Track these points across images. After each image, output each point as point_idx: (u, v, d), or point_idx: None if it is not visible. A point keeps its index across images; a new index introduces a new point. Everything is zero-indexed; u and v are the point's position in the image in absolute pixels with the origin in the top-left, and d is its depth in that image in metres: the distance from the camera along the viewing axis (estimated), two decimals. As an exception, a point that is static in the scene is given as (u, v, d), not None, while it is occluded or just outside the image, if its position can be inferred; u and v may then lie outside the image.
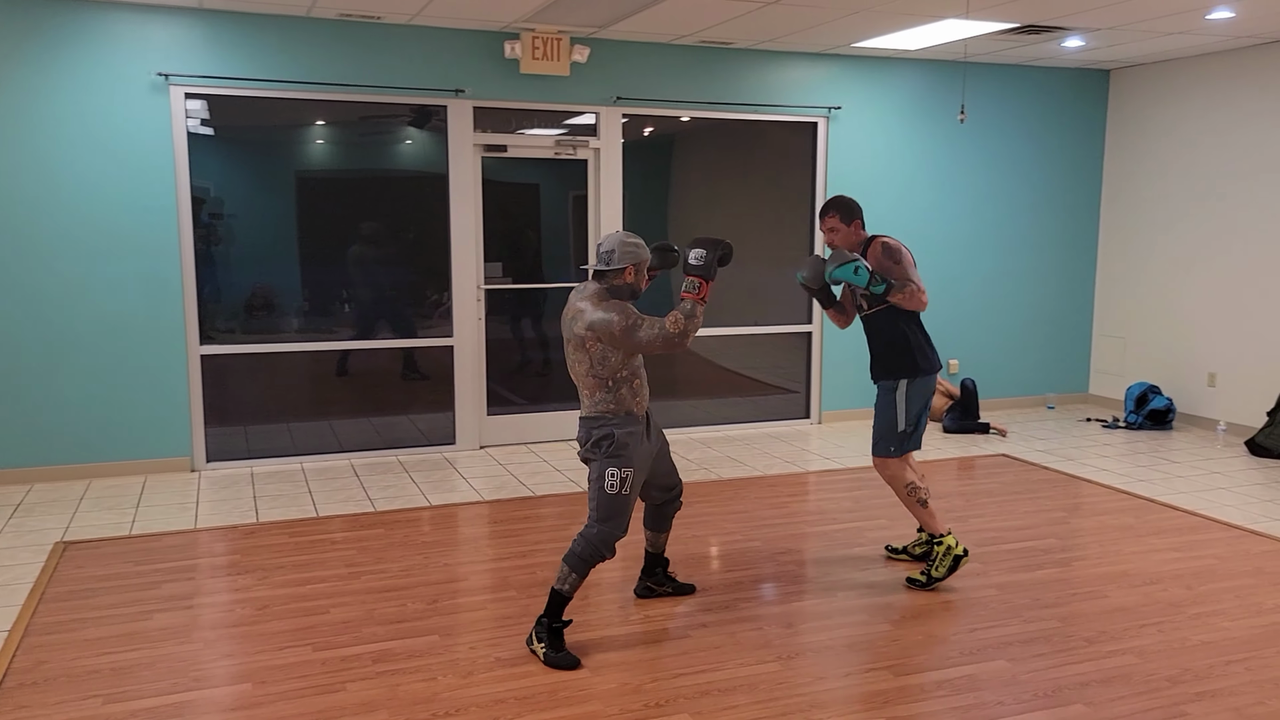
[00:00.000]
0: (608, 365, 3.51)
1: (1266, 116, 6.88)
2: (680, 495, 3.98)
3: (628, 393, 3.57)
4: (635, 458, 3.58)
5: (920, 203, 7.68)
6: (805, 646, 3.64)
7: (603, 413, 3.57)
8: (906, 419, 4.17)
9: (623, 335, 3.43)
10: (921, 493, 4.21)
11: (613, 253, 3.55)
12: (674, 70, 6.86)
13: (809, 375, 7.66)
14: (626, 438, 3.55)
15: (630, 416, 3.58)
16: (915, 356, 4.15)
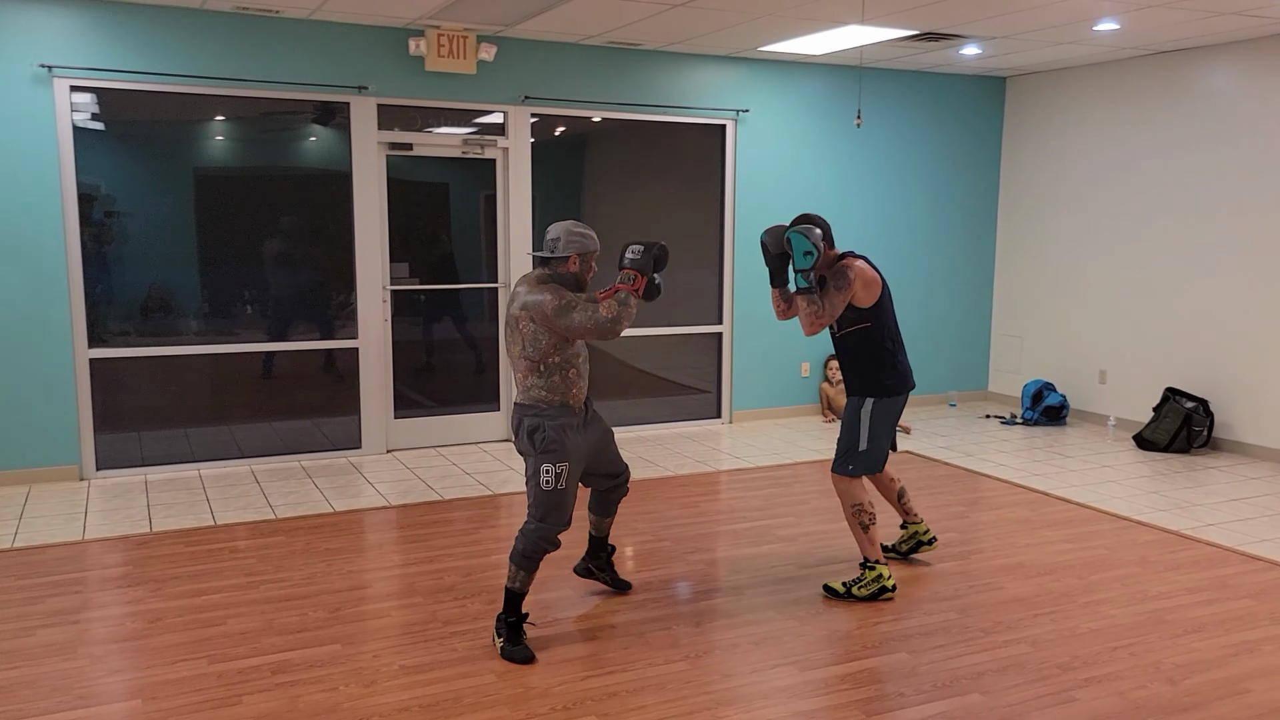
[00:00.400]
0: (538, 347, 3.50)
1: (1150, 124, 7.19)
2: (626, 482, 4.01)
3: (560, 381, 3.55)
4: (569, 451, 3.57)
5: (826, 205, 7.81)
6: (713, 645, 3.67)
7: (535, 401, 3.56)
8: (869, 438, 4.07)
9: (554, 315, 3.45)
10: (866, 517, 4.09)
11: (558, 240, 3.58)
12: (583, 70, 6.85)
13: (719, 376, 7.73)
14: (558, 432, 3.54)
15: (564, 408, 3.57)
16: (881, 376, 4.06)
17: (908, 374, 4.16)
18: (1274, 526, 5.13)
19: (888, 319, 4.08)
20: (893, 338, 4.09)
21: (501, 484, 5.88)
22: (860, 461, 4.11)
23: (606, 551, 4.15)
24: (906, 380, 4.14)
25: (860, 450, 4.10)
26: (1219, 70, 6.72)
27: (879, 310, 4.03)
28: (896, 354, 4.10)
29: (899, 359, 4.11)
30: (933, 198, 8.24)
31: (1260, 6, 5.55)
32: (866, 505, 4.11)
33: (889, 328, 4.07)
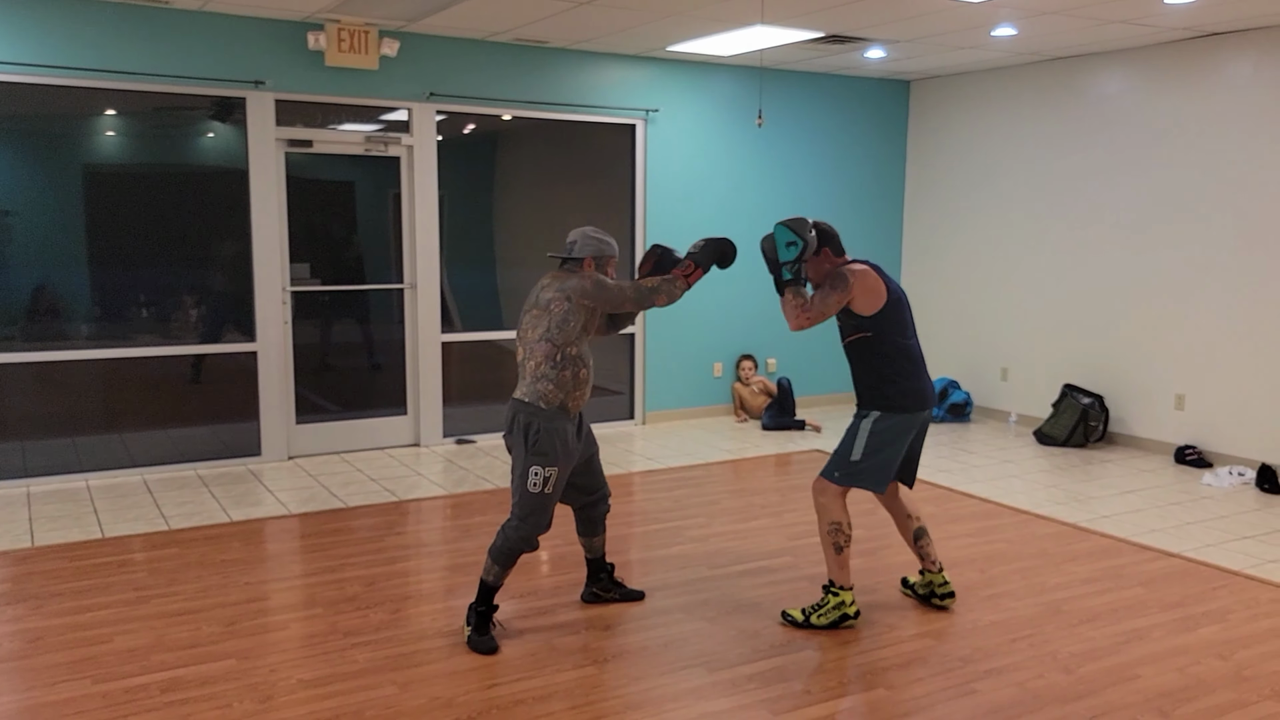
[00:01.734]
0: (565, 331, 3.53)
1: (1046, 127, 7.41)
2: (605, 499, 3.92)
3: (570, 378, 3.56)
4: (560, 457, 3.57)
5: (736, 205, 7.86)
6: (623, 648, 3.63)
7: (536, 398, 3.56)
8: (862, 451, 3.76)
9: (595, 289, 3.55)
10: (841, 538, 3.79)
11: (574, 243, 3.70)
12: (490, 68, 6.76)
13: (632, 377, 7.70)
14: (551, 435, 3.54)
15: (562, 411, 3.58)
16: (888, 390, 3.74)
17: (921, 392, 3.78)
18: (1163, 517, 5.32)
19: (894, 333, 3.74)
20: (903, 353, 3.76)
21: (408, 490, 5.75)
22: (847, 472, 3.77)
23: (606, 571, 4.06)
24: (919, 398, 3.77)
25: (851, 460, 3.76)
26: (1111, 77, 6.96)
27: (882, 321, 3.72)
28: (906, 369, 3.75)
29: (910, 375, 3.76)
30: (840, 198, 8.36)
31: (1146, 16, 5.75)
32: (844, 525, 3.79)
33: (896, 342, 3.74)
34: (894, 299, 3.75)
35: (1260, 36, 6.10)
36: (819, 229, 3.78)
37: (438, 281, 6.79)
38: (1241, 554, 4.71)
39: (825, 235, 3.79)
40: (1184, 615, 3.96)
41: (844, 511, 3.83)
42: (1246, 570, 4.47)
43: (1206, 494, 5.80)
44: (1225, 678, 3.41)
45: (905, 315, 3.80)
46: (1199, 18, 5.81)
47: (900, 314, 3.78)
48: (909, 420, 3.77)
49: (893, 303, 3.74)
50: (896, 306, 3.75)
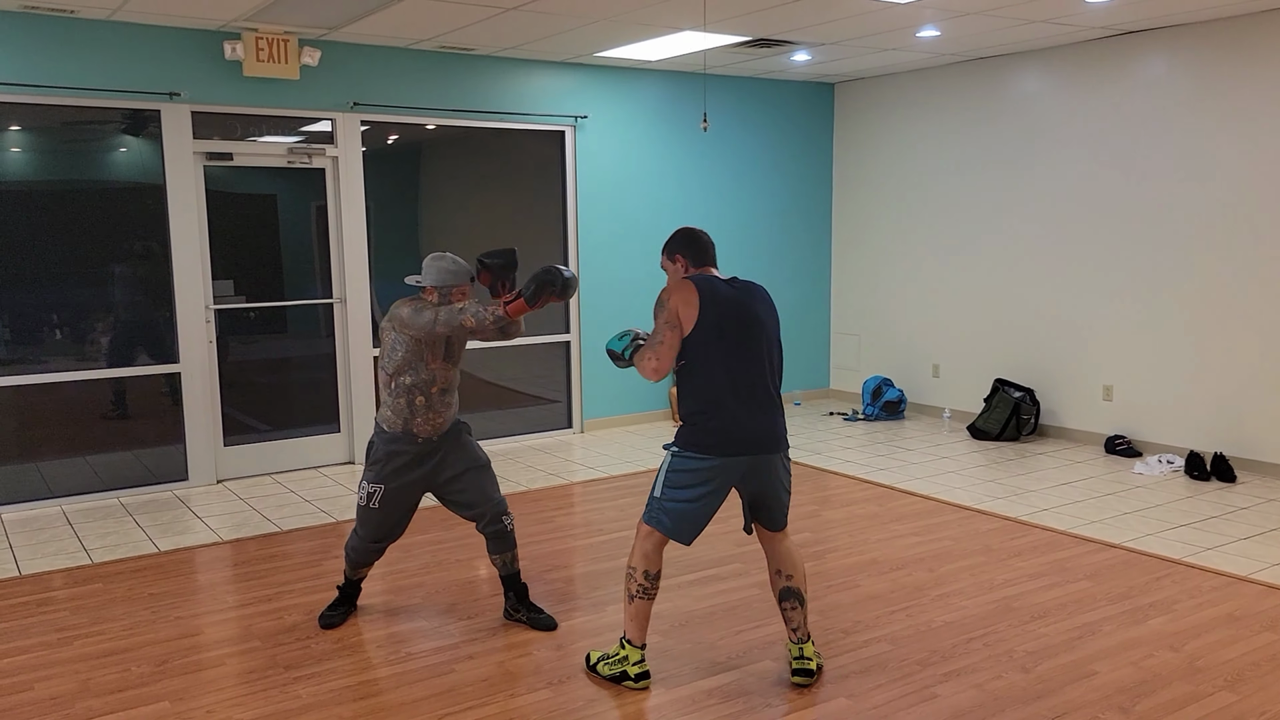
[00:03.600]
0: (394, 359, 3.63)
1: (969, 127, 7.53)
2: (497, 516, 3.82)
3: (405, 405, 3.65)
4: (388, 475, 3.70)
5: (667, 210, 7.82)
6: (577, 668, 3.54)
7: (381, 419, 3.72)
8: (661, 487, 3.29)
9: (409, 317, 3.56)
10: (634, 586, 3.31)
11: (422, 272, 3.72)
12: (415, 76, 6.60)
13: (569, 384, 7.61)
14: (384, 454, 3.69)
15: (405, 435, 3.67)
16: (689, 424, 3.25)
17: (728, 432, 3.18)
18: (1100, 508, 5.42)
19: (703, 358, 3.20)
20: (710, 385, 3.20)
21: (345, 510, 5.57)
22: (652, 510, 3.30)
23: (515, 590, 3.94)
24: (726, 440, 3.18)
25: (654, 496, 3.31)
26: (1031, 76, 7.09)
27: (692, 342, 3.20)
28: (713, 403, 3.19)
29: (716, 412, 3.19)
30: (770, 201, 8.38)
31: (1066, 15, 5.86)
32: (639, 572, 3.30)
33: (705, 371, 3.20)
34: (712, 319, 3.18)
35: (1173, 34, 6.27)
36: (679, 234, 3.37)
37: (368, 295, 6.61)
38: (1180, 542, 4.81)
39: (683, 240, 3.36)
40: (1132, 607, 4.01)
41: (646, 557, 3.29)
42: (1187, 559, 4.56)
43: (1139, 483, 5.93)
44: (1179, 670, 3.45)
45: (728, 341, 3.20)
46: (1116, 16, 5.95)
47: (717, 338, 3.19)
48: (713, 466, 3.19)
49: (708, 324, 3.18)
50: (715, 329, 3.18)
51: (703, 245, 3.39)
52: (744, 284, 3.35)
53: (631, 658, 3.37)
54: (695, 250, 3.38)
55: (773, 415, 3.29)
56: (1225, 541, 4.81)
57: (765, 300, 3.37)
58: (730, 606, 4.10)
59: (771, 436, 3.27)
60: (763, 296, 3.37)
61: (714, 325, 3.21)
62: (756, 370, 3.25)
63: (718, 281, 3.28)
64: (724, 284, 3.29)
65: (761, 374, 3.27)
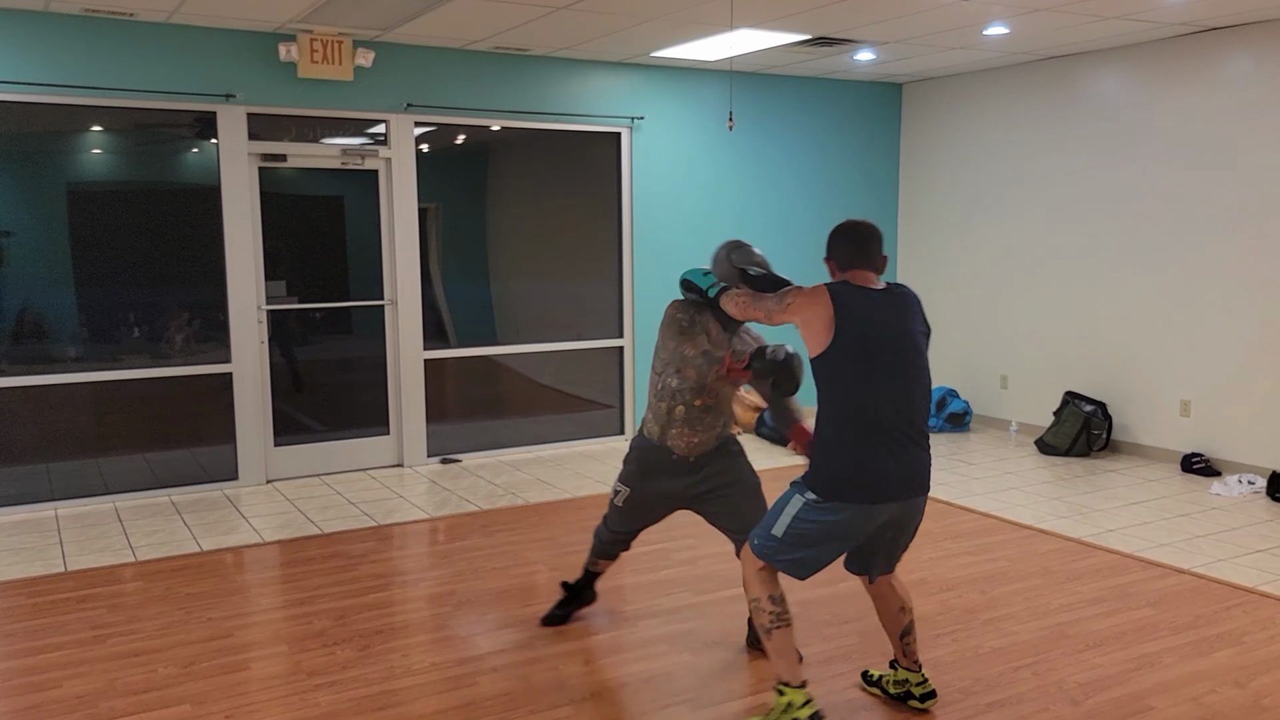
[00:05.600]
0: (658, 357, 3.51)
1: (1043, 128, 7.22)
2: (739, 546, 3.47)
3: (666, 412, 3.47)
4: (636, 481, 3.61)
5: (725, 214, 7.67)
6: (601, 685, 3.43)
7: (643, 420, 3.62)
8: (784, 530, 2.90)
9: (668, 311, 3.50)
10: (766, 617, 2.94)
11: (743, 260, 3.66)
12: (469, 77, 6.58)
13: (621, 391, 7.51)
14: (636, 460, 3.60)
15: (660, 447, 3.50)
16: (823, 463, 2.85)
17: (865, 477, 2.76)
18: (1171, 530, 5.11)
19: (844, 379, 2.77)
20: (854, 416, 2.78)
21: (388, 514, 5.55)
22: (767, 546, 2.95)
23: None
24: (866, 485, 2.76)
25: (772, 533, 2.94)
26: (1107, 75, 6.77)
27: (828, 362, 2.78)
28: (852, 440, 2.77)
29: (859, 450, 2.76)
30: (832, 204, 8.17)
31: (1142, 11, 5.57)
32: (766, 601, 2.94)
33: (847, 400, 2.78)
34: (852, 337, 2.75)
35: (1260, 30, 5.91)
36: (834, 231, 3.04)
37: (419, 297, 6.60)
38: (1254, 569, 4.50)
39: (834, 237, 3.01)
40: (1197, 638, 3.75)
41: (765, 582, 2.94)
42: (1260, 587, 4.26)
43: (1215, 504, 5.59)
44: (1243, 708, 3.20)
45: (875, 363, 2.75)
46: (1196, 13, 5.63)
47: (861, 360, 2.75)
48: (850, 518, 2.77)
49: (848, 343, 2.75)
50: (857, 349, 2.75)
51: (854, 245, 2.89)
52: (898, 292, 2.88)
53: (796, 701, 2.90)
54: (844, 250, 2.92)
55: (923, 451, 2.87)
56: (1306, 571, 4.49)
57: (918, 313, 2.88)
58: (768, 624, 3.94)
59: (920, 477, 2.86)
60: (916, 308, 2.88)
61: (856, 344, 2.75)
62: (906, 398, 2.78)
63: (861, 290, 2.82)
64: (870, 293, 2.82)
65: (912, 402, 2.80)
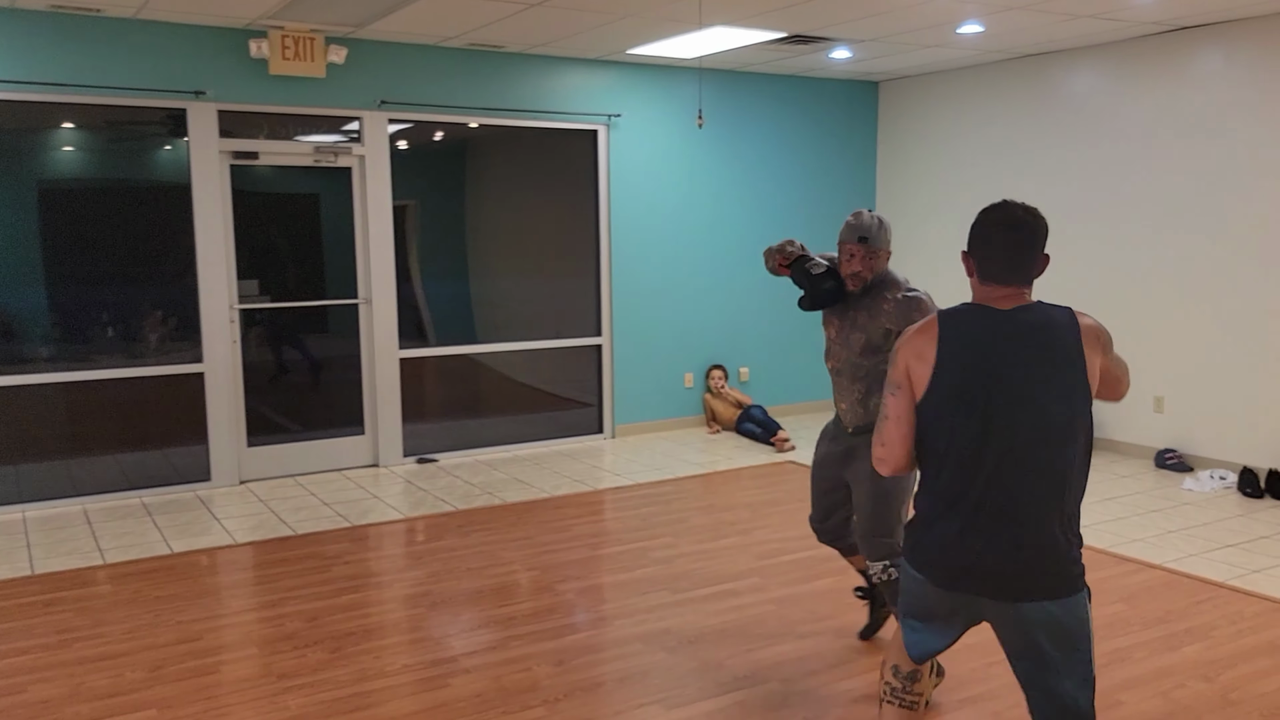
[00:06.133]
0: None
1: (1018, 126, 7.25)
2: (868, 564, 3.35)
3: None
4: (817, 447, 3.56)
5: (703, 211, 7.67)
6: (575, 685, 3.41)
7: None
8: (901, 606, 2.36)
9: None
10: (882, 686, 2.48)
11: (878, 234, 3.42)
12: (444, 73, 6.54)
13: (600, 389, 7.49)
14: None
15: (836, 415, 3.52)
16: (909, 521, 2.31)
17: (944, 551, 2.15)
18: (1144, 526, 5.15)
19: (934, 434, 2.16)
20: (939, 474, 2.16)
21: (363, 514, 5.51)
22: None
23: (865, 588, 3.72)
24: (934, 559, 2.17)
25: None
26: (1081, 73, 6.81)
27: (921, 413, 2.18)
28: (935, 505, 2.18)
29: (938, 518, 2.17)
30: (811, 202, 8.18)
31: (1113, 10, 5.60)
32: (888, 668, 2.44)
33: (934, 454, 2.17)
34: (948, 379, 2.13)
35: (1229, 29, 5.96)
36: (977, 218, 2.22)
37: (394, 296, 6.56)
38: (1225, 564, 4.54)
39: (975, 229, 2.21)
40: (1167, 633, 3.77)
41: (900, 649, 2.40)
42: (1230, 582, 4.30)
43: (1188, 499, 5.64)
44: (1211, 702, 3.22)
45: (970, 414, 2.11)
46: (1169, 11, 5.66)
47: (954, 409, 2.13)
48: (933, 593, 2.21)
49: (943, 385, 2.14)
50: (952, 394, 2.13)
51: (998, 243, 2.13)
52: (1034, 316, 2.10)
53: None
54: (983, 250, 2.16)
55: (1022, 541, 2.08)
56: (1274, 564, 4.52)
57: (1069, 347, 2.07)
58: (743, 624, 3.94)
59: (1012, 575, 2.09)
60: (1064, 340, 2.08)
61: (951, 388, 2.12)
62: (1011, 465, 2.07)
63: (980, 315, 2.13)
64: (989, 318, 2.12)
65: (1020, 471, 2.07)
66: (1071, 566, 2.11)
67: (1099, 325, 2.15)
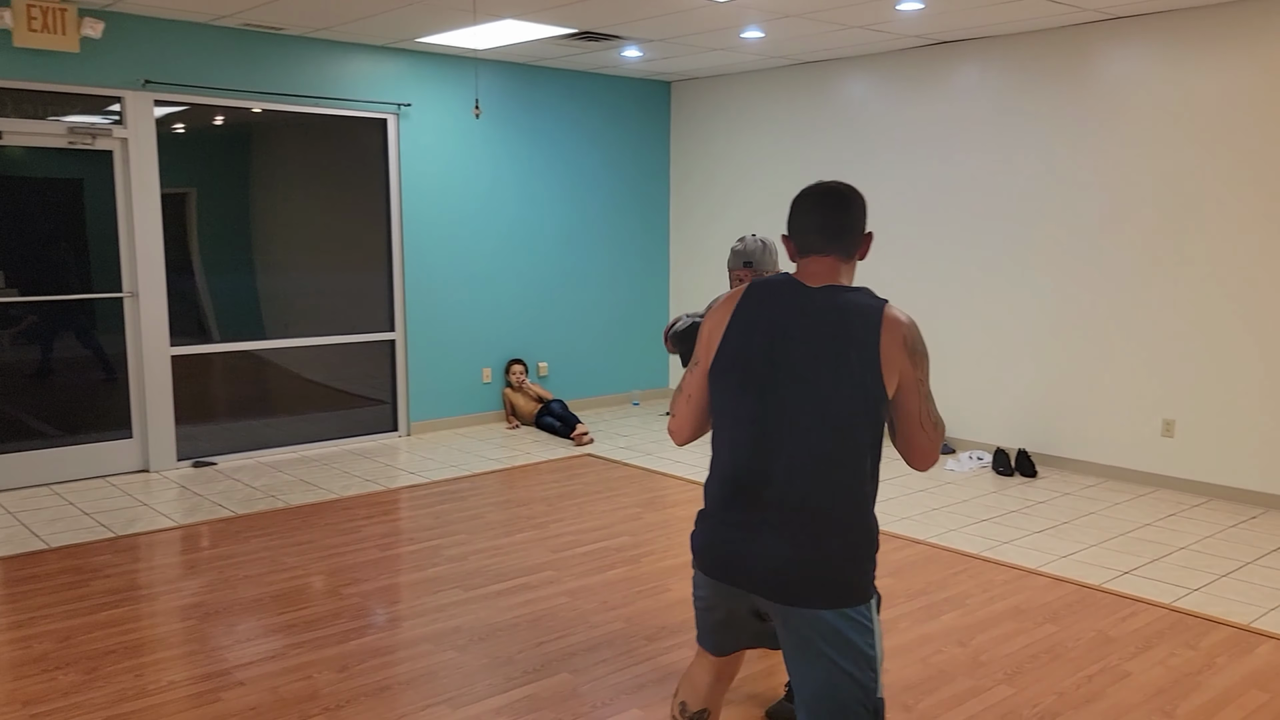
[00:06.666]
0: None
1: (800, 131, 7.60)
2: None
3: None
4: None
5: (501, 205, 7.60)
6: (359, 691, 3.30)
7: None
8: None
9: None
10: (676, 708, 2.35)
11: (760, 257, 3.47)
12: (218, 54, 6.17)
13: (394, 386, 7.29)
14: None
15: None
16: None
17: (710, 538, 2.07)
18: (911, 505, 5.52)
19: (717, 410, 2.08)
20: (718, 455, 2.09)
21: (129, 524, 5.13)
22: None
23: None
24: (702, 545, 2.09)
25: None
26: (856, 81, 7.21)
27: (711, 387, 2.10)
28: (711, 486, 2.09)
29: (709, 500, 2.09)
30: (609, 197, 8.27)
31: (881, 22, 5.96)
32: (675, 703, 2.35)
33: (716, 432, 2.10)
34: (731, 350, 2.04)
35: (983, 45, 6.48)
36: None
37: (164, 289, 6.14)
38: (980, 537, 4.93)
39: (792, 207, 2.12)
40: (927, 603, 4.06)
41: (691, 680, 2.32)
42: (983, 553, 4.68)
43: (950, 479, 6.09)
44: (963, 665, 3.49)
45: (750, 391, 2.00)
46: (930, 25, 6.08)
47: (736, 386, 2.03)
48: (703, 580, 2.12)
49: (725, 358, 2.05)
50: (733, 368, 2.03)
51: (811, 210, 2.06)
52: (838, 298, 1.99)
53: None
54: (799, 222, 2.08)
55: (787, 535, 1.95)
56: (1021, 535, 4.96)
57: (865, 334, 1.93)
58: (536, 617, 3.94)
59: (773, 571, 1.96)
60: (861, 325, 1.94)
61: (733, 361, 2.03)
62: (772, 453, 1.97)
63: (785, 287, 2.04)
64: (792, 292, 2.03)
65: (781, 460, 1.96)
66: (847, 566, 1.93)
67: (909, 323, 1.97)
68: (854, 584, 1.95)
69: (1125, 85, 5.85)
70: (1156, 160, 5.76)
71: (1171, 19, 5.63)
